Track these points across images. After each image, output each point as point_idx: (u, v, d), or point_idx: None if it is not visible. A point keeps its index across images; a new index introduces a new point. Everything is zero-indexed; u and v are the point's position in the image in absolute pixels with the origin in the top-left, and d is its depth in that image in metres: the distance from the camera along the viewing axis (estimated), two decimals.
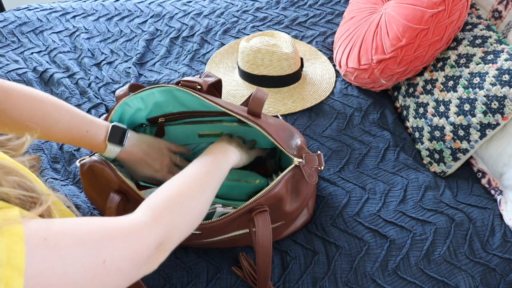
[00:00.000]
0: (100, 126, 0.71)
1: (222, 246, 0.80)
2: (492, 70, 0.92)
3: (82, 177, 0.74)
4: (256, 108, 0.74)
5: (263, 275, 0.67)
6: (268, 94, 0.76)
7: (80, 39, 1.35)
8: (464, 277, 0.77)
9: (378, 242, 0.82)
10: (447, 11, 0.98)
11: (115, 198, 0.66)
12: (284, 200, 0.70)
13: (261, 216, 0.66)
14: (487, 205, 0.90)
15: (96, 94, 1.16)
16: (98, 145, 0.71)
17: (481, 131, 0.93)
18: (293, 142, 0.76)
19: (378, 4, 1.19)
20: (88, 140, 0.71)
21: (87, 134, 0.70)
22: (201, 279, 0.77)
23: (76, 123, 0.69)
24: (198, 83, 0.76)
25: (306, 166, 0.71)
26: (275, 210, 0.70)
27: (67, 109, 0.70)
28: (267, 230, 0.66)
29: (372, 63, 1.10)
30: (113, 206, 0.65)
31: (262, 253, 0.65)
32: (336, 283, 0.77)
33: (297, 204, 0.73)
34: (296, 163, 0.70)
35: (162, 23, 1.44)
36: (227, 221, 0.69)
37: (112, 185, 0.68)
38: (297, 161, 0.70)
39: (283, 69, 1.12)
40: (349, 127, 1.07)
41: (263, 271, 0.66)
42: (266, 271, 0.67)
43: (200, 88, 0.76)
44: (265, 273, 0.67)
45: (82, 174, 0.73)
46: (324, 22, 1.43)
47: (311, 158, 0.72)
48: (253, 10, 1.50)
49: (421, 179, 0.93)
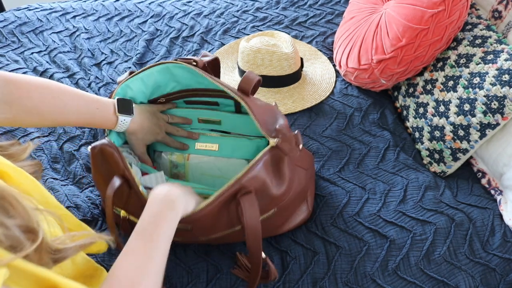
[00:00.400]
0: (107, 102, 0.75)
1: (221, 242, 0.80)
2: (492, 70, 0.92)
3: (92, 160, 0.74)
4: (246, 86, 0.75)
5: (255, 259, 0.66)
6: (260, 78, 0.77)
7: (80, 39, 1.35)
8: (464, 277, 0.78)
9: (378, 242, 0.82)
10: (447, 11, 0.98)
11: (116, 182, 0.66)
12: (267, 183, 0.70)
13: (246, 197, 0.66)
14: (487, 205, 0.90)
15: (96, 94, 1.16)
16: (109, 120, 0.75)
17: (481, 131, 0.93)
18: (274, 125, 0.76)
19: (378, 4, 1.19)
20: (99, 117, 0.74)
21: (97, 111, 0.73)
22: (201, 279, 0.77)
23: (85, 103, 0.72)
24: (193, 59, 0.80)
25: (284, 143, 0.71)
26: (261, 196, 0.70)
27: (74, 91, 0.72)
28: (255, 211, 0.65)
29: (372, 63, 1.10)
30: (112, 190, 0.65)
31: (251, 234, 0.65)
32: (336, 283, 0.77)
33: (284, 188, 0.73)
34: (273, 144, 0.71)
35: (162, 23, 1.44)
36: (215, 211, 0.68)
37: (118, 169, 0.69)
38: (273, 141, 0.71)
39: (283, 69, 1.12)
40: (349, 127, 1.07)
41: (255, 254, 0.66)
42: (258, 255, 0.66)
43: (195, 65, 0.79)
44: (257, 256, 0.66)
45: (92, 157, 0.73)
46: (324, 22, 1.43)
47: (287, 137, 0.72)
48: (253, 10, 1.50)
49: (421, 179, 0.93)
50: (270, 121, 0.76)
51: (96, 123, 0.75)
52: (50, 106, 0.68)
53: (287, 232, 0.84)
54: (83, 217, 0.84)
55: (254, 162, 0.69)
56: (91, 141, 1.02)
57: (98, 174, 0.74)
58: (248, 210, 0.65)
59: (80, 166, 0.95)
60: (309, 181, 0.85)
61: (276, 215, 0.76)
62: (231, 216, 0.70)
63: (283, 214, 0.79)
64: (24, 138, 1.01)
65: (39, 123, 0.70)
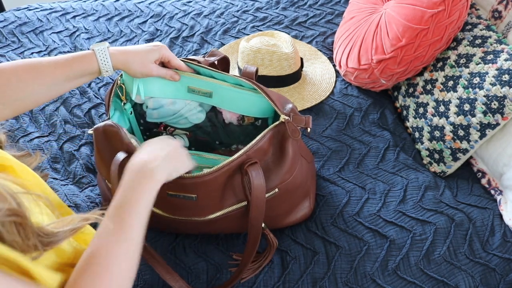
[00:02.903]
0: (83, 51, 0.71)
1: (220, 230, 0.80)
2: (492, 70, 0.92)
3: (95, 141, 0.74)
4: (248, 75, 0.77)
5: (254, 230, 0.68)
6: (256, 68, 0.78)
7: (80, 39, 1.35)
8: (464, 277, 0.78)
9: (378, 242, 0.82)
10: (447, 11, 0.98)
11: (120, 156, 0.66)
12: (269, 155, 0.72)
13: (253, 167, 0.68)
14: (487, 205, 0.90)
15: (96, 94, 1.16)
16: (88, 58, 0.69)
17: (481, 131, 0.93)
18: (286, 105, 0.77)
19: (378, 4, 1.19)
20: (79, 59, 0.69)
21: (77, 55, 0.69)
22: (201, 280, 0.77)
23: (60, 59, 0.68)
24: (197, 60, 0.79)
25: (290, 123, 0.72)
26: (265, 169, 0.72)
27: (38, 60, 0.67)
28: (260, 180, 0.68)
29: (372, 63, 1.10)
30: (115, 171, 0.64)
31: (255, 204, 0.67)
32: (336, 283, 0.77)
33: (286, 165, 0.74)
34: (282, 119, 0.72)
35: (162, 23, 1.44)
36: (220, 176, 0.69)
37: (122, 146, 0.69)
38: (283, 117, 0.72)
39: (283, 69, 1.12)
40: (349, 127, 1.07)
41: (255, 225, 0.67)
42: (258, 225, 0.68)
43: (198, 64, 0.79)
44: (257, 227, 0.68)
45: (96, 138, 0.73)
46: (324, 22, 1.43)
47: (298, 118, 0.73)
48: (253, 10, 1.50)
49: (421, 179, 0.93)
50: (280, 100, 0.78)
51: (81, 66, 0.69)
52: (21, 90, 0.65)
53: (288, 227, 0.84)
54: None
55: (261, 136, 0.70)
56: (91, 141, 1.03)
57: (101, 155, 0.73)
58: (255, 178, 0.67)
59: (80, 166, 0.96)
60: (310, 177, 0.86)
61: (278, 199, 0.77)
62: (237, 189, 0.72)
63: (286, 201, 0.79)
64: (24, 138, 1.01)
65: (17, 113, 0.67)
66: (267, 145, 0.71)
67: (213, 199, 0.72)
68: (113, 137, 0.69)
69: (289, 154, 0.74)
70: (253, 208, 0.68)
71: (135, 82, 0.80)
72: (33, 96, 0.66)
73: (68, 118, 1.07)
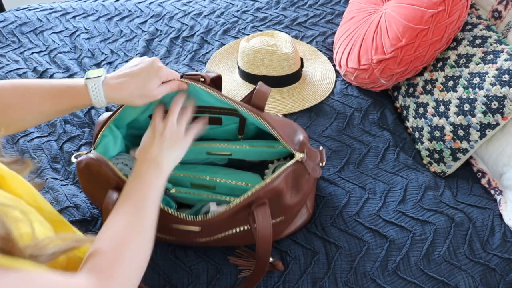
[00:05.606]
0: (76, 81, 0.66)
1: (222, 244, 0.80)
2: (492, 70, 0.92)
3: (79, 175, 0.73)
4: (260, 101, 0.74)
5: (262, 265, 0.67)
6: (270, 89, 0.76)
7: (80, 39, 1.35)
8: (464, 277, 0.78)
9: (378, 242, 0.82)
10: (447, 11, 0.98)
11: (112, 196, 0.65)
12: (284, 194, 0.70)
13: (260, 209, 0.66)
14: (487, 205, 0.90)
15: None
16: (81, 89, 0.64)
17: (481, 131, 0.93)
18: (296, 137, 0.76)
19: (378, 4, 1.19)
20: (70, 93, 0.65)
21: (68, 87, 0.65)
22: (201, 280, 0.77)
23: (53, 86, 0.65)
24: (201, 75, 0.75)
25: (309, 161, 0.70)
26: (274, 204, 0.70)
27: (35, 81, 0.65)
28: (267, 222, 0.66)
29: (372, 63, 1.10)
30: (110, 206, 0.64)
31: (262, 243, 0.65)
32: (336, 283, 0.77)
33: (297, 199, 0.73)
34: (298, 158, 0.70)
35: (162, 23, 1.44)
36: (227, 216, 0.68)
37: (110, 181, 0.68)
38: (299, 156, 0.71)
39: (283, 69, 1.12)
40: (349, 127, 1.07)
41: (262, 260, 0.66)
42: (265, 260, 0.67)
43: (203, 81, 0.75)
44: (264, 262, 0.67)
45: (79, 172, 0.72)
46: (324, 22, 1.43)
47: (313, 154, 0.72)
48: (253, 10, 1.50)
49: (421, 179, 0.93)
50: (290, 133, 0.76)
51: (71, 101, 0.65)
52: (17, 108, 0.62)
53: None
54: (83, 217, 0.84)
55: (276, 176, 0.69)
56: (91, 141, 1.02)
57: (89, 187, 0.73)
58: (262, 222, 0.66)
59: None
60: (312, 189, 0.85)
61: (282, 223, 0.77)
62: (240, 219, 0.71)
63: (288, 222, 0.79)
64: (24, 138, 1.01)
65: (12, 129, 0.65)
66: (281, 185, 0.69)
67: (218, 228, 0.72)
68: (96, 172, 0.68)
69: (303, 190, 0.73)
70: (259, 245, 0.66)
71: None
72: (19, 123, 0.64)
73: (68, 118, 1.07)
